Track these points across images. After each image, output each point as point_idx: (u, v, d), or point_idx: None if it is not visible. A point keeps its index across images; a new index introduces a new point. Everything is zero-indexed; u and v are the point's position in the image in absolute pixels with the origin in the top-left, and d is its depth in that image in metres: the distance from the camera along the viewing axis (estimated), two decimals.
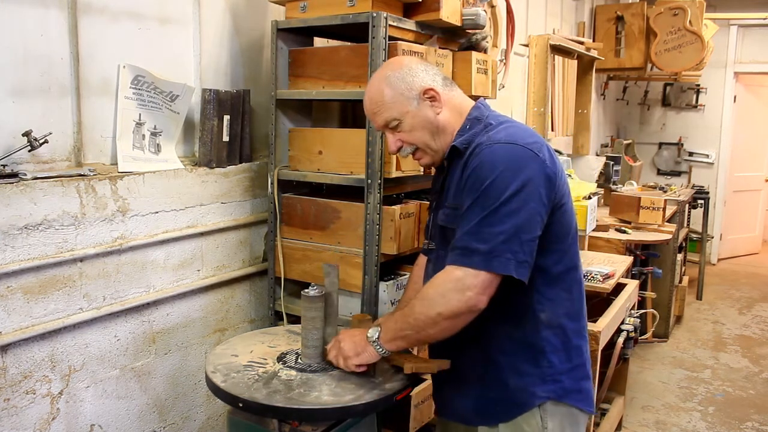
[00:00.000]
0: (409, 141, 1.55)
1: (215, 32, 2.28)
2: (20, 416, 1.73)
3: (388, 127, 1.55)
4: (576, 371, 1.53)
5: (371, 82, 1.58)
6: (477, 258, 1.35)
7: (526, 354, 1.49)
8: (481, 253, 1.35)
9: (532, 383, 1.49)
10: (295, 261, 2.26)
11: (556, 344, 1.50)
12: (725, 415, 3.67)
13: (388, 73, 1.54)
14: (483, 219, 1.36)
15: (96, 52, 1.89)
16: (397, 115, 1.52)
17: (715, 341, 4.87)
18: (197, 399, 2.28)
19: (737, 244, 7.64)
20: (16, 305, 1.69)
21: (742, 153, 7.42)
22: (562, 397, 1.50)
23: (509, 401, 1.50)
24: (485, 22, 2.21)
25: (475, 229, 1.36)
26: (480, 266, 1.35)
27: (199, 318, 2.24)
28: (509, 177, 1.37)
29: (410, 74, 1.53)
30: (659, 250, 4.61)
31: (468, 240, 1.37)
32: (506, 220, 1.35)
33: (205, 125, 2.19)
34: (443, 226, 1.55)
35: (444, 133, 1.55)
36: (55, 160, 1.82)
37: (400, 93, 1.51)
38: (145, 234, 2.00)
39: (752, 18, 6.70)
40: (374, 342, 1.51)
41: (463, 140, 1.51)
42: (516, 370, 1.49)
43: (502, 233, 1.34)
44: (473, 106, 1.58)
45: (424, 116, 1.52)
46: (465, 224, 1.39)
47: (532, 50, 4.20)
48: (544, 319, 1.49)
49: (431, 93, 1.52)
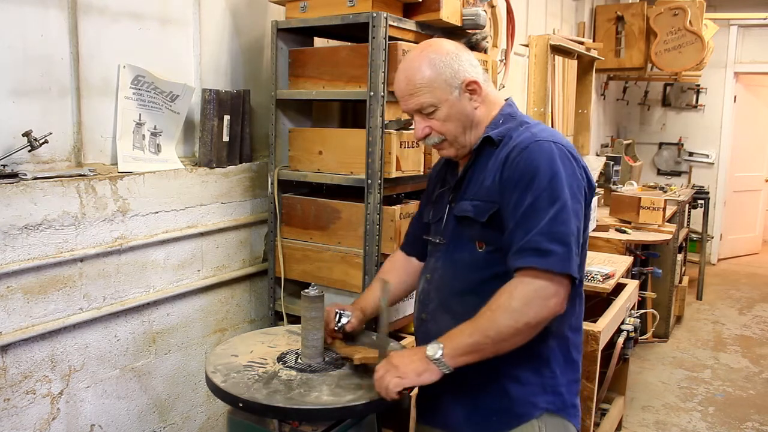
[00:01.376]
0: (440, 130, 1.47)
1: (215, 32, 2.28)
2: (20, 416, 1.73)
3: (421, 111, 1.46)
4: (573, 386, 1.50)
5: (410, 61, 1.45)
6: (555, 259, 1.29)
7: (529, 363, 1.43)
8: (559, 254, 1.29)
9: (533, 393, 1.44)
10: (295, 261, 2.26)
11: (559, 355, 1.47)
12: (725, 415, 3.67)
13: (432, 55, 1.43)
14: (553, 218, 1.30)
15: (96, 52, 1.89)
16: (435, 100, 1.43)
17: (715, 341, 4.87)
18: (197, 399, 2.28)
19: (737, 244, 7.64)
20: (16, 305, 1.69)
21: (742, 153, 7.42)
22: (561, 410, 1.46)
23: (509, 411, 1.44)
24: (485, 22, 2.21)
25: (546, 229, 1.30)
26: (559, 268, 1.29)
27: (199, 318, 2.24)
28: (567, 177, 1.34)
29: (456, 62, 1.44)
30: (659, 250, 4.61)
31: (541, 241, 1.30)
32: (572, 220, 1.32)
33: (205, 125, 2.19)
34: (465, 217, 1.47)
35: (476, 128, 1.48)
36: (55, 160, 1.82)
37: (443, 79, 1.42)
38: (145, 234, 2.00)
39: (752, 18, 6.70)
40: (437, 360, 1.35)
41: (498, 132, 1.45)
42: (517, 379, 1.44)
43: (571, 234, 1.31)
44: (507, 102, 1.54)
45: (462, 108, 1.45)
46: (533, 224, 1.31)
47: (532, 50, 4.19)
48: (552, 329, 1.43)
49: (474, 86, 1.44)
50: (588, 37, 5.74)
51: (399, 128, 2.01)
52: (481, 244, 1.45)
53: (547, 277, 1.29)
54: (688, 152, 7.43)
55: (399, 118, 2.04)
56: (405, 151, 2.04)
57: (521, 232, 1.33)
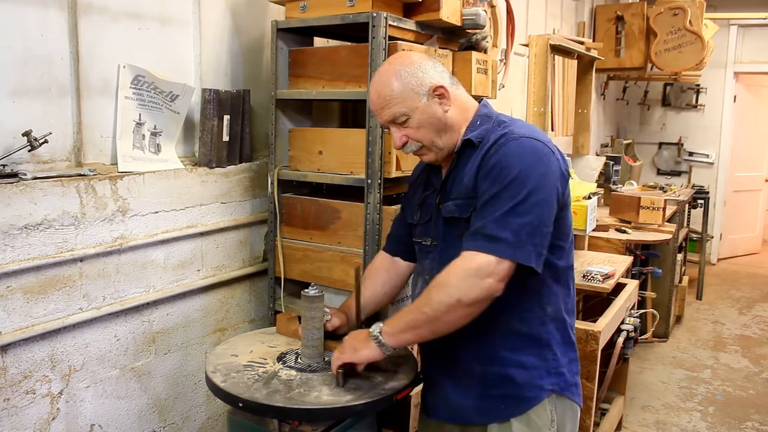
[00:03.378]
0: (415, 138, 1.54)
1: (215, 32, 2.28)
2: (20, 416, 1.73)
3: (395, 122, 1.53)
4: (573, 365, 1.58)
5: (379, 76, 1.54)
6: (502, 246, 1.36)
7: (531, 348, 1.51)
8: (507, 242, 1.35)
9: (539, 376, 1.50)
10: (295, 261, 2.26)
11: (558, 338, 1.54)
12: (725, 415, 3.67)
13: (397, 67, 1.51)
14: (510, 209, 1.37)
15: (96, 52, 1.89)
16: (405, 110, 1.50)
17: (715, 341, 4.88)
18: (197, 399, 2.28)
19: (737, 244, 7.64)
20: (16, 305, 1.69)
21: (742, 153, 7.42)
22: (564, 390, 1.53)
23: (518, 397, 1.50)
24: (485, 22, 2.21)
25: (501, 218, 1.37)
26: (504, 254, 1.36)
27: (198, 318, 2.24)
28: (534, 170, 1.40)
29: (420, 70, 1.51)
30: (659, 250, 4.61)
31: (494, 228, 1.37)
32: (531, 211, 1.37)
33: (205, 125, 2.19)
34: (452, 217, 1.53)
35: (451, 130, 1.54)
36: (55, 160, 1.82)
37: (410, 88, 1.49)
38: (145, 234, 2.00)
39: (752, 18, 6.70)
40: (375, 337, 1.47)
41: (477, 134, 1.52)
42: (521, 365, 1.50)
43: (528, 225, 1.36)
44: (481, 104, 1.60)
45: (432, 113, 1.51)
46: (490, 212, 1.39)
47: (532, 50, 4.19)
48: (549, 313, 1.52)
49: (441, 90, 1.51)
50: (588, 37, 5.74)
51: None
52: None
53: (490, 258, 1.36)
54: (688, 152, 7.44)
55: None
56: None
57: (478, 218, 1.41)
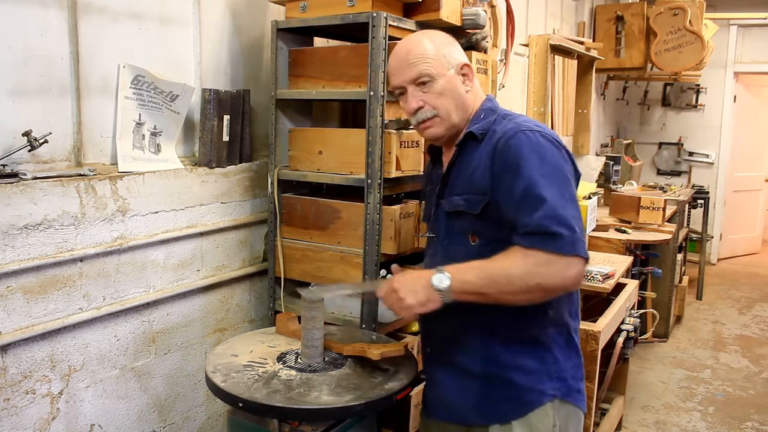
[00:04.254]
0: (433, 104, 1.50)
1: (215, 32, 2.28)
2: (20, 416, 1.73)
3: (417, 82, 1.49)
4: (576, 370, 1.54)
5: (411, 37, 1.54)
6: (563, 243, 1.29)
7: (531, 351, 1.47)
8: (565, 237, 1.29)
9: (540, 381, 1.47)
10: (295, 261, 2.26)
11: (560, 342, 1.50)
12: (725, 415, 3.67)
13: (432, 34, 1.53)
14: (555, 202, 1.31)
15: (96, 52, 1.89)
16: (434, 72, 1.48)
17: (715, 341, 4.88)
18: (197, 399, 2.28)
19: (737, 244, 7.64)
20: (16, 305, 1.69)
21: (742, 153, 7.42)
22: (567, 395, 1.49)
23: (518, 399, 1.47)
24: (485, 22, 2.21)
25: (551, 211, 1.30)
26: (569, 251, 1.29)
27: (198, 318, 2.24)
28: (555, 162, 1.37)
29: (453, 46, 1.52)
30: (659, 250, 4.61)
31: (549, 224, 1.29)
32: (569, 203, 1.33)
33: (205, 125, 2.19)
34: (457, 212, 1.49)
35: (464, 112, 1.53)
36: (55, 160, 1.82)
37: (443, 54, 1.49)
38: (145, 234, 2.00)
39: (752, 18, 6.70)
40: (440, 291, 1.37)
41: (479, 127, 1.50)
42: (521, 368, 1.47)
43: (572, 216, 1.31)
44: (487, 98, 1.59)
45: (456, 86, 1.50)
46: (533, 207, 1.31)
47: (532, 50, 4.19)
48: (551, 316, 1.48)
49: (467, 70, 1.52)
50: (588, 37, 5.74)
51: (399, 128, 2.01)
52: (474, 237, 1.48)
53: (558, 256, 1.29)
54: (687, 152, 7.43)
55: (399, 117, 2.04)
56: (405, 150, 2.04)
57: (522, 216, 1.33)
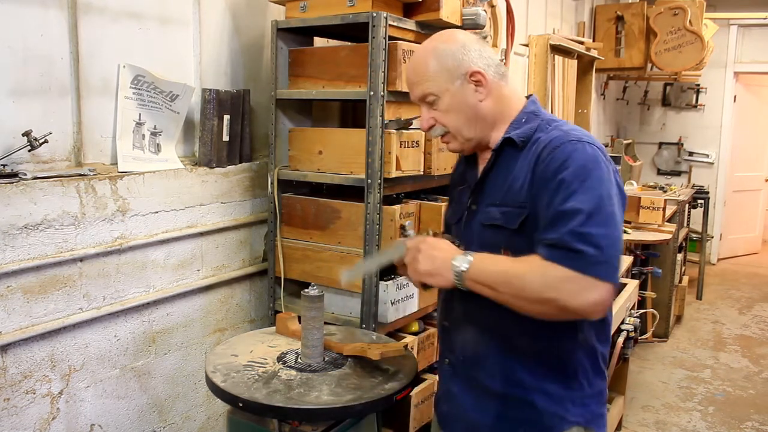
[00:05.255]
0: (442, 121, 1.43)
1: (215, 32, 2.28)
2: (20, 416, 1.73)
3: (425, 101, 1.44)
4: (601, 396, 1.46)
5: (418, 50, 1.46)
6: (583, 262, 1.21)
7: (557, 375, 1.38)
8: (588, 256, 1.21)
9: (563, 407, 1.38)
10: (295, 261, 2.26)
11: (587, 367, 1.41)
12: (725, 414, 3.67)
13: (437, 44, 1.42)
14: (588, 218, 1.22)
15: (96, 52, 1.89)
16: (435, 90, 1.40)
17: (715, 341, 4.87)
18: (197, 399, 2.28)
19: (737, 244, 7.64)
20: (16, 305, 1.69)
21: (742, 153, 7.41)
22: (590, 422, 1.41)
23: (538, 423, 1.38)
24: (485, 22, 2.21)
25: (578, 228, 1.22)
26: (587, 271, 1.20)
27: (199, 318, 2.24)
28: (601, 179, 1.27)
29: (462, 51, 1.40)
30: (659, 250, 4.61)
31: (571, 240, 1.22)
32: (608, 223, 1.24)
33: (205, 125, 2.19)
34: (492, 225, 1.40)
35: (483, 122, 1.42)
36: (55, 160, 1.82)
37: (445, 68, 1.39)
38: (145, 234, 2.00)
39: (752, 18, 6.70)
40: (458, 274, 1.32)
41: (521, 133, 1.39)
42: (544, 392, 1.38)
43: (605, 237, 1.22)
44: (530, 100, 1.47)
45: (463, 99, 1.40)
46: (562, 223, 1.24)
47: (532, 50, 4.19)
48: (580, 340, 1.39)
49: (478, 77, 1.39)
50: (588, 37, 5.74)
51: (399, 128, 2.01)
52: (507, 251, 1.37)
53: (578, 275, 1.21)
54: (688, 152, 7.43)
55: (399, 117, 2.04)
56: (405, 150, 2.04)
57: (550, 229, 1.26)
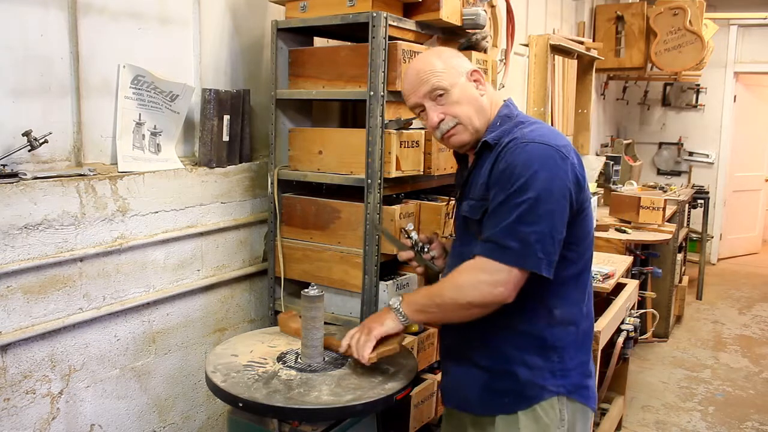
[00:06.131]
0: (453, 113, 1.55)
1: (215, 32, 2.28)
2: (20, 416, 1.73)
3: (433, 96, 1.55)
4: (583, 367, 1.58)
5: (418, 59, 1.63)
6: (510, 255, 1.39)
7: (536, 348, 1.52)
8: (515, 251, 1.38)
9: (542, 377, 1.51)
10: (295, 261, 2.26)
11: (567, 341, 1.54)
12: (725, 414, 3.67)
13: (438, 51, 1.63)
14: (518, 217, 1.39)
15: (96, 52, 1.89)
16: (446, 84, 1.54)
17: (715, 341, 4.88)
18: (197, 399, 2.28)
19: (737, 244, 7.64)
20: (16, 305, 1.69)
21: (742, 153, 7.42)
22: (572, 392, 1.53)
23: (520, 394, 1.52)
24: (485, 21, 2.21)
25: (510, 226, 1.39)
26: (513, 263, 1.39)
27: (199, 318, 2.24)
28: (543, 177, 1.40)
29: (459, 56, 1.61)
30: (659, 250, 4.61)
31: (503, 236, 1.40)
32: (540, 219, 1.39)
33: (205, 125, 2.19)
34: (466, 217, 1.57)
35: (485, 115, 1.58)
36: (55, 160, 1.82)
37: (451, 65, 1.56)
38: (145, 234, 2.00)
39: (752, 18, 6.70)
40: (396, 309, 1.53)
41: (494, 136, 1.53)
42: (525, 363, 1.51)
43: (536, 233, 1.38)
44: (504, 104, 1.62)
45: (471, 92, 1.56)
46: (499, 220, 1.41)
47: (532, 50, 4.20)
48: (557, 316, 1.52)
49: (477, 75, 1.57)
50: (588, 37, 5.74)
51: (399, 128, 2.01)
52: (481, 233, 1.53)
53: (500, 267, 1.40)
54: (688, 152, 7.43)
55: (399, 117, 2.04)
56: (405, 150, 2.04)
57: (489, 225, 1.44)
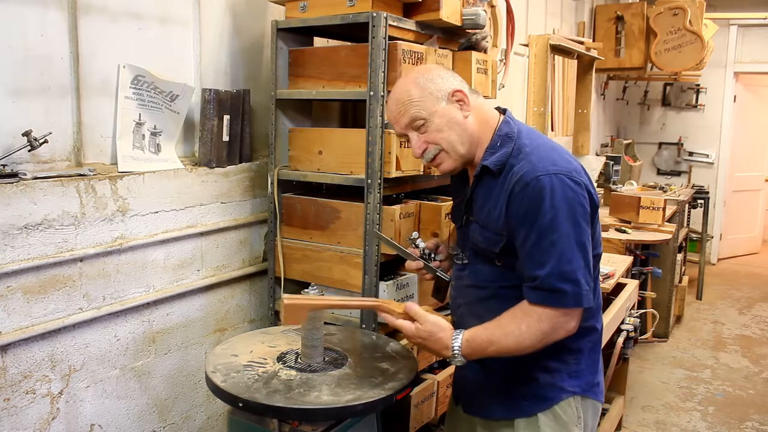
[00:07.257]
0: (434, 141, 1.52)
1: (215, 32, 2.28)
2: (20, 416, 1.73)
3: (413, 127, 1.52)
4: (595, 366, 1.62)
5: (397, 86, 1.56)
6: (567, 298, 1.39)
7: (556, 353, 1.52)
8: (569, 293, 1.39)
9: (560, 379, 1.54)
10: (295, 261, 2.26)
11: (586, 344, 1.57)
12: (725, 414, 3.67)
13: (415, 76, 1.54)
14: (559, 258, 1.39)
15: (96, 52, 1.89)
16: (424, 114, 1.50)
17: (715, 341, 4.88)
18: (197, 399, 2.28)
19: (737, 244, 7.64)
20: (16, 305, 1.69)
21: (742, 153, 7.42)
22: (587, 391, 1.57)
23: (539, 396, 1.54)
24: (485, 21, 2.21)
25: (556, 269, 1.38)
26: (572, 305, 1.41)
27: (199, 318, 2.24)
28: (566, 209, 1.40)
29: (439, 77, 1.52)
30: (659, 250, 4.61)
31: (554, 281, 1.39)
32: (577, 254, 1.40)
33: (205, 125, 2.19)
34: (478, 245, 1.56)
35: (471, 137, 1.53)
36: (55, 160, 1.82)
37: (429, 92, 1.50)
38: (145, 234, 2.00)
39: (752, 18, 6.70)
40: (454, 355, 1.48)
41: (496, 160, 1.49)
42: (544, 367, 1.53)
43: (579, 268, 1.40)
44: (502, 120, 1.56)
45: (452, 117, 1.50)
46: (540, 262, 1.40)
47: (532, 50, 4.20)
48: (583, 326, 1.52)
49: (460, 95, 1.51)
50: (588, 37, 5.74)
51: None
52: (500, 260, 1.53)
53: (558, 312, 1.41)
54: (687, 152, 7.43)
55: None
56: (405, 150, 2.04)
57: (529, 267, 1.42)
